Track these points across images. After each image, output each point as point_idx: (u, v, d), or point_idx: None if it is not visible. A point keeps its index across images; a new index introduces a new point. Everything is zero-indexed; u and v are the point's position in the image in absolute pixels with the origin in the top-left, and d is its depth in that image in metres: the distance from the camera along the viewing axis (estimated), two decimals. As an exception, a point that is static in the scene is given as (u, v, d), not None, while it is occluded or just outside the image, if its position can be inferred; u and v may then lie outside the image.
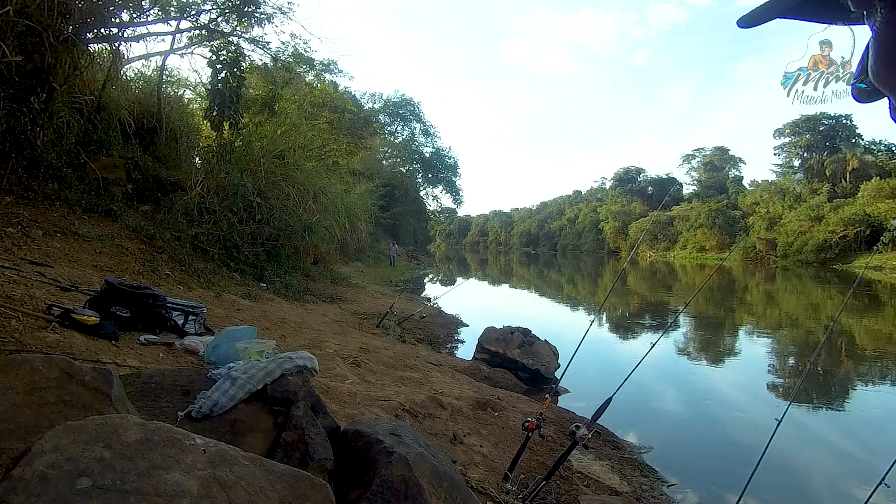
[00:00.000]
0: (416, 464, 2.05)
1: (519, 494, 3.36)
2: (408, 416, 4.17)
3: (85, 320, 3.54)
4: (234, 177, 10.60)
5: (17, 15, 6.34)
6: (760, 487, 4.13)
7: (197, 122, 12.65)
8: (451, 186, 50.26)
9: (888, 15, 0.41)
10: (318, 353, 4.84)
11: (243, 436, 2.12)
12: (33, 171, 7.02)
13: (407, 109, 44.95)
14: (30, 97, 6.81)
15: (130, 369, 3.12)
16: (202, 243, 9.21)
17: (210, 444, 1.50)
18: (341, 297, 12.02)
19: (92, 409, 1.56)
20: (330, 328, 7.86)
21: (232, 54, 11.25)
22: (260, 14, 12.32)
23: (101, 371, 1.71)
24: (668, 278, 33.93)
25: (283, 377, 2.50)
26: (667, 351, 9.85)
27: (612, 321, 14.50)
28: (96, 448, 1.31)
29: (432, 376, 5.88)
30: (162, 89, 11.28)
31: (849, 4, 0.44)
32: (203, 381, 2.49)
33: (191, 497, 1.29)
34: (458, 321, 12.32)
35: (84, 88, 8.36)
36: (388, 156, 44.79)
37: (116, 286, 4.07)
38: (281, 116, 14.40)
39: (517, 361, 7.65)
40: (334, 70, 26.17)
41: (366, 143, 32.25)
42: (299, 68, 19.75)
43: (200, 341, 4.04)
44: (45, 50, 6.75)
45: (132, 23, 10.41)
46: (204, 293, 7.12)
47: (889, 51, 0.42)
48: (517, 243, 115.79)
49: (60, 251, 5.90)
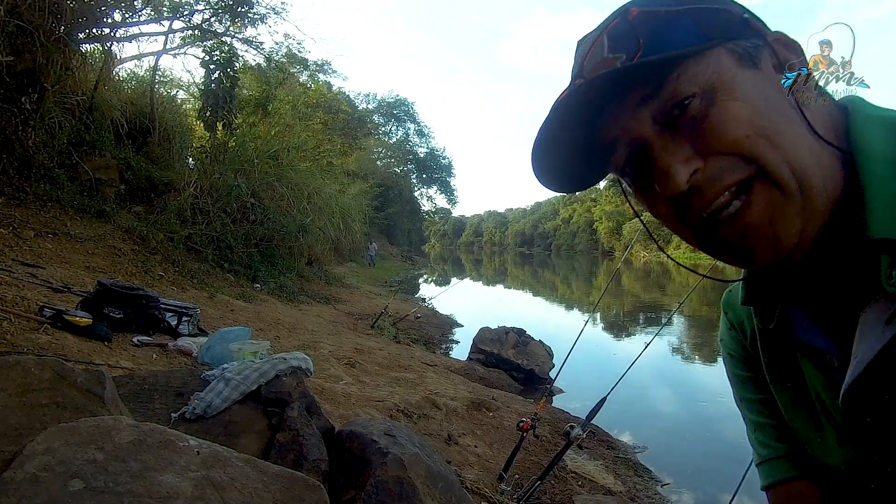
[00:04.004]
0: (410, 464, 2.05)
1: (514, 495, 3.36)
2: (402, 416, 4.17)
3: (77, 321, 3.52)
4: (227, 177, 10.56)
5: (8, 14, 6.29)
6: (754, 486, 4.14)
7: (190, 123, 12.58)
8: (446, 187, 50.35)
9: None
10: (313, 354, 4.82)
11: (237, 437, 2.11)
12: (25, 172, 6.96)
13: (401, 110, 44.95)
14: (21, 97, 6.76)
15: (123, 371, 3.10)
16: (196, 244, 9.17)
17: (204, 446, 1.49)
18: (336, 298, 11.99)
19: (84, 410, 1.55)
20: (324, 329, 7.84)
21: (225, 55, 11.21)
22: (253, 14, 12.27)
23: (94, 372, 1.70)
24: (661, 278, 34.07)
25: (277, 378, 2.49)
26: (661, 351, 9.89)
27: (607, 321, 14.53)
28: (89, 450, 1.31)
29: (427, 377, 5.88)
30: (155, 90, 11.20)
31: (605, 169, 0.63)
32: (197, 382, 2.48)
33: (184, 499, 1.29)
34: (452, 321, 12.32)
35: (76, 89, 8.30)
36: (383, 156, 44.73)
37: (109, 287, 4.05)
38: (275, 117, 14.36)
39: (512, 362, 7.67)
40: (328, 70, 26.07)
41: (360, 143, 32.22)
42: (293, 69, 19.70)
43: (194, 342, 4.02)
44: (36, 50, 6.70)
45: (124, 23, 10.34)
46: (198, 294, 7.08)
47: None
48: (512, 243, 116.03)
49: (52, 252, 5.86)
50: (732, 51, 0.54)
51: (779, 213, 0.52)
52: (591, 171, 0.63)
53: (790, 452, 0.72)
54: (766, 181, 0.51)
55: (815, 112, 0.55)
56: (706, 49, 0.53)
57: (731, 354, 0.79)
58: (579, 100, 0.55)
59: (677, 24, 0.54)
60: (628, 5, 0.57)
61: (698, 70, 0.52)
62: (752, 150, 0.51)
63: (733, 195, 0.52)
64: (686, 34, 0.53)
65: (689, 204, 0.54)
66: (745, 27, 0.56)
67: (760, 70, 0.54)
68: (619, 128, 0.56)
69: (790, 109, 0.53)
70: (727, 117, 0.51)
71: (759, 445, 0.77)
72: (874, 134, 0.54)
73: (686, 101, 0.52)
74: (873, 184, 0.51)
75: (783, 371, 0.67)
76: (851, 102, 0.58)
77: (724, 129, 0.51)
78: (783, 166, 0.51)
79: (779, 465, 0.74)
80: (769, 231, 0.52)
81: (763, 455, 0.76)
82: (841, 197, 0.53)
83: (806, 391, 0.64)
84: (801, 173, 0.51)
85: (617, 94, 0.55)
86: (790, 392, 0.67)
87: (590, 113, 0.57)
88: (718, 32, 0.54)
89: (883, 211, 0.50)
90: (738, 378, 0.78)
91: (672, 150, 0.53)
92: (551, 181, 0.63)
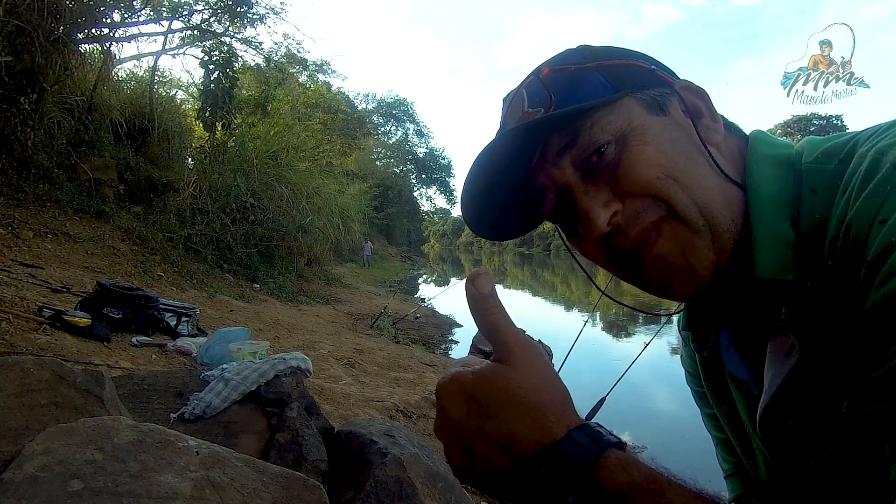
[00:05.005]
0: (410, 464, 2.05)
1: (513, 494, 3.35)
2: (402, 416, 4.17)
3: (76, 322, 3.52)
4: (226, 177, 10.55)
5: (7, 15, 6.29)
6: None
7: (189, 123, 12.57)
8: (445, 187, 50.33)
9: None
10: (312, 354, 4.82)
11: (237, 437, 2.11)
12: (24, 172, 6.96)
13: (400, 110, 44.94)
14: (20, 98, 6.76)
15: (122, 371, 3.10)
16: (195, 244, 9.16)
17: (203, 446, 1.49)
18: (335, 298, 11.99)
19: (83, 411, 1.55)
20: (324, 329, 7.84)
21: (224, 55, 11.21)
22: (252, 14, 12.27)
23: (93, 373, 1.70)
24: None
25: (276, 378, 2.49)
26: (661, 350, 9.88)
27: (606, 321, 14.53)
28: (88, 450, 1.30)
29: (426, 377, 5.88)
30: (154, 90, 11.20)
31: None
32: (196, 382, 2.48)
33: (183, 499, 1.29)
34: (452, 321, 12.32)
35: (75, 89, 8.30)
36: (382, 156, 44.74)
37: (108, 287, 4.05)
38: (274, 117, 14.34)
39: (511, 361, 7.65)
40: (327, 71, 26.07)
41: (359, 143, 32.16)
42: (292, 69, 19.70)
43: (193, 343, 4.02)
44: (35, 50, 6.70)
45: (123, 23, 10.35)
46: (197, 294, 7.08)
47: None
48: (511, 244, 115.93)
49: (51, 252, 5.86)
50: (641, 100, 0.57)
51: (689, 248, 0.54)
52: (523, 219, 0.66)
53: (740, 469, 0.75)
54: (675, 219, 0.54)
55: (724, 150, 0.58)
56: (616, 99, 0.56)
57: (687, 370, 0.81)
58: (505, 149, 0.58)
59: (587, 79, 0.57)
60: (541, 65, 0.61)
61: (611, 119, 0.56)
62: (661, 191, 0.54)
63: (653, 233, 0.55)
64: (595, 87, 0.57)
65: (612, 244, 0.57)
66: (651, 77, 0.60)
67: (669, 115, 0.58)
68: (544, 176, 0.59)
69: (697, 152, 0.56)
70: (639, 160, 0.54)
71: (720, 460, 0.80)
72: (765, 173, 0.56)
73: (602, 147, 0.55)
74: (761, 225, 0.54)
75: (720, 395, 0.70)
76: (753, 138, 0.61)
77: (636, 171, 0.54)
78: (690, 206, 0.54)
79: (732, 482, 0.77)
80: (683, 262, 0.55)
81: (725, 470, 0.79)
82: (741, 232, 0.55)
83: (738, 414, 0.67)
84: (707, 211, 0.54)
85: (538, 145, 0.58)
86: (726, 415, 0.71)
87: (515, 163, 0.59)
88: (627, 84, 0.57)
89: (767, 253, 0.53)
90: (696, 394, 0.80)
91: (592, 195, 0.56)
92: (485, 230, 0.66)
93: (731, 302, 0.61)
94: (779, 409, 0.55)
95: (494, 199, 0.63)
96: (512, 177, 0.61)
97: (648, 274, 0.57)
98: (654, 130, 0.56)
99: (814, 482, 0.54)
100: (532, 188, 0.61)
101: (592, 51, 0.61)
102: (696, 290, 0.56)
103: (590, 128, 0.55)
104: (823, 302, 0.49)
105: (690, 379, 0.81)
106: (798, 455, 0.55)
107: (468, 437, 0.46)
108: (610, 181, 0.55)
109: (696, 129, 0.57)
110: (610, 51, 0.61)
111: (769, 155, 0.58)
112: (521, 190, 0.62)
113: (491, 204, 0.63)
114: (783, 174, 0.55)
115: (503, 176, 0.60)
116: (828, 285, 0.49)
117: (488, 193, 0.62)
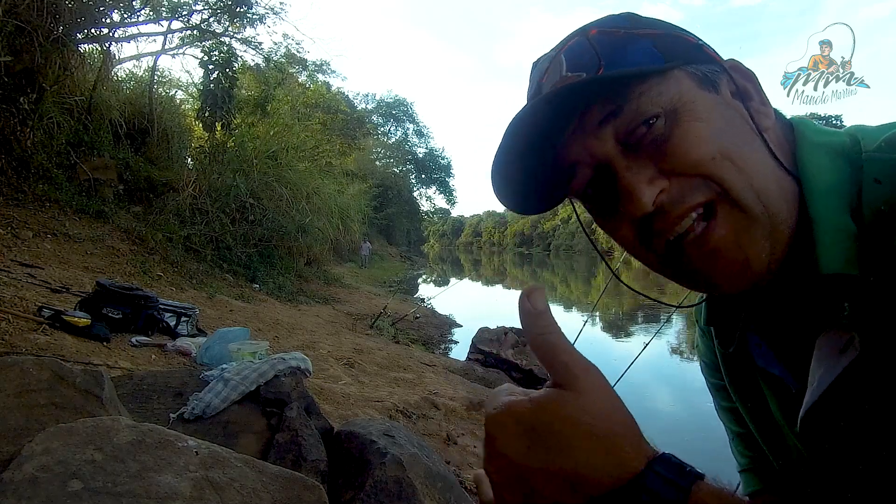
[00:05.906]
0: (409, 464, 2.05)
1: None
2: (401, 416, 4.17)
3: (76, 322, 3.52)
4: (226, 177, 10.55)
5: (6, 15, 6.29)
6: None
7: (189, 123, 12.57)
8: (445, 187, 50.29)
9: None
10: (312, 354, 4.82)
11: (236, 437, 2.11)
12: (23, 173, 6.96)
13: (400, 110, 44.91)
14: (19, 98, 6.76)
15: (122, 371, 3.10)
16: (194, 244, 9.16)
17: (202, 446, 1.49)
18: (335, 298, 11.99)
19: (83, 411, 1.55)
20: (323, 329, 7.84)
21: (224, 55, 11.21)
22: (252, 14, 12.28)
23: (93, 373, 1.70)
24: (661, 278, 33.90)
25: (276, 378, 2.49)
26: (660, 350, 9.89)
27: (606, 321, 14.54)
28: (87, 450, 1.30)
29: (426, 377, 5.88)
30: (153, 90, 11.20)
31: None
32: (195, 382, 2.48)
33: (183, 499, 1.28)
34: (451, 322, 12.31)
35: (74, 89, 8.30)
36: (382, 156, 44.73)
37: (108, 287, 4.04)
38: (273, 117, 14.36)
39: (511, 362, 7.66)
40: (327, 71, 26.07)
41: (359, 143, 32.17)
42: (292, 69, 19.70)
43: (193, 343, 4.01)
44: (34, 50, 6.69)
45: (123, 23, 10.35)
46: (196, 294, 7.08)
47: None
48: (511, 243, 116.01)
49: (51, 252, 5.85)
50: (693, 74, 0.54)
51: (746, 236, 0.51)
52: (551, 194, 0.63)
53: (759, 464, 0.72)
54: (730, 203, 0.51)
55: (772, 137, 0.55)
56: (667, 69, 0.52)
57: (705, 362, 0.78)
58: (538, 118, 0.54)
59: (637, 45, 0.53)
60: (587, 26, 0.56)
61: (661, 90, 0.52)
62: (715, 172, 0.50)
63: (700, 218, 0.51)
64: (645, 55, 0.53)
65: (652, 227, 0.53)
66: (700, 53, 0.56)
67: (720, 94, 0.54)
68: (580, 148, 0.55)
69: (752, 134, 0.53)
70: (691, 138, 0.51)
71: (737, 454, 0.77)
72: (820, 162, 0.53)
73: (650, 120, 0.52)
74: (822, 218, 0.51)
75: (745, 391, 0.67)
76: (798, 125, 0.58)
77: (688, 149, 0.51)
78: (747, 189, 0.50)
79: (749, 477, 0.74)
80: (738, 254, 0.51)
81: (741, 464, 0.76)
82: (796, 225, 0.52)
83: (768, 411, 0.64)
84: (765, 197, 0.51)
85: (578, 112, 0.54)
86: (752, 412, 0.67)
87: (549, 132, 0.55)
88: (678, 55, 0.54)
89: (831, 247, 0.50)
90: (714, 386, 0.77)
91: (636, 171, 0.52)
92: (512, 202, 0.62)
93: (783, 298, 0.57)
94: (828, 407, 0.51)
95: (523, 171, 0.59)
96: (544, 148, 0.57)
97: (692, 264, 0.53)
98: (707, 107, 0.52)
99: (859, 484, 0.51)
100: (564, 161, 0.57)
101: (639, 18, 0.57)
102: (745, 285, 0.52)
103: (638, 96, 0.51)
104: (888, 297, 0.47)
105: (708, 371, 0.78)
106: (845, 456, 0.52)
107: (528, 475, 0.42)
108: (656, 157, 0.52)
109: (748, 112, 0.54)
110: (656, 21, 0.57)
111: (821, 143, 0.55)
112: (552, 163, 0.58)
113: (520, 177, 0.59)
114: (839, 163, 0.52)
115: (535, 146, 0.56)
116: (893, 279, 0.46)
117: (518, 165, 0.58)
